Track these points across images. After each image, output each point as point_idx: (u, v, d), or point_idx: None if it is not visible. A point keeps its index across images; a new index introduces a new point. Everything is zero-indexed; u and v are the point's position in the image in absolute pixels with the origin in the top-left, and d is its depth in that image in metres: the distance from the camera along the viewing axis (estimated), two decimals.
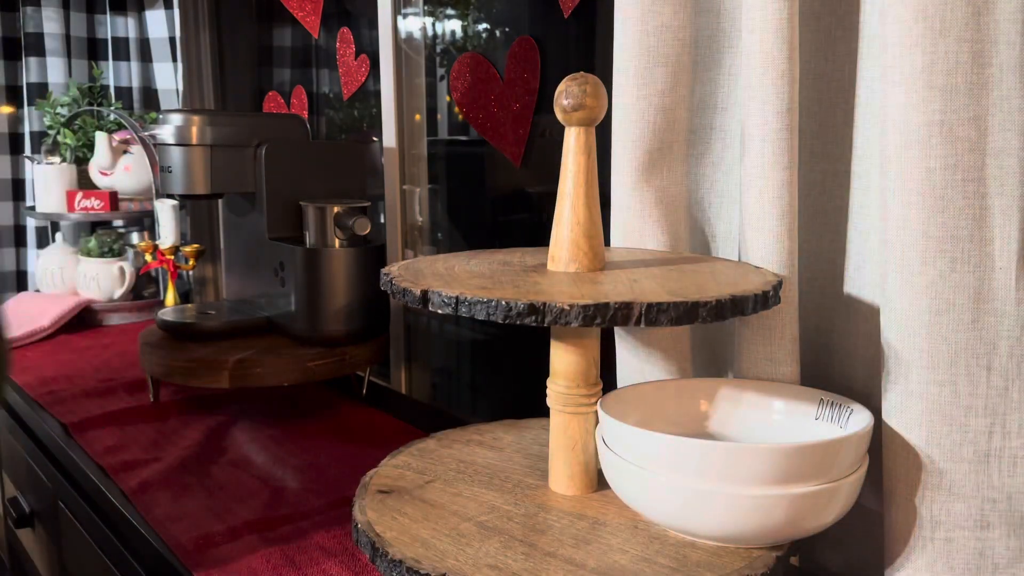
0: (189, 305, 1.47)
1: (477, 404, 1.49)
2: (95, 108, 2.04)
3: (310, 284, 1.24)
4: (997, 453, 0.64)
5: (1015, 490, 0.64)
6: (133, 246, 1.97)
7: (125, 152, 1.97)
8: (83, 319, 1.87)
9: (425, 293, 0.64)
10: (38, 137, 2.24)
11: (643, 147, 0.82)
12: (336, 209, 1.24)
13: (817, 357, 0.82)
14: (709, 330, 0.88)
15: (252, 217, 1.34)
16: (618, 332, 0.89)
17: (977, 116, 0.61)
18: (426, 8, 1.46)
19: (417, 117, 1.50)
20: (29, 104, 2.25)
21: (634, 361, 0.87)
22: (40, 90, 2.22)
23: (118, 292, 1.90)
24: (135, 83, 2.32)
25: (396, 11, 1.47)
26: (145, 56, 2.31)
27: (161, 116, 1.27)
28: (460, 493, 0.74)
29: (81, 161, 2.02)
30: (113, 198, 1.93)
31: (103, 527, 1.04)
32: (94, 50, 2.34)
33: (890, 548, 0.69)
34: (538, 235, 1.27)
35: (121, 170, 1.97)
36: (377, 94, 1.54)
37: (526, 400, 1.14)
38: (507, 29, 1.33)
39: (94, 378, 1.47)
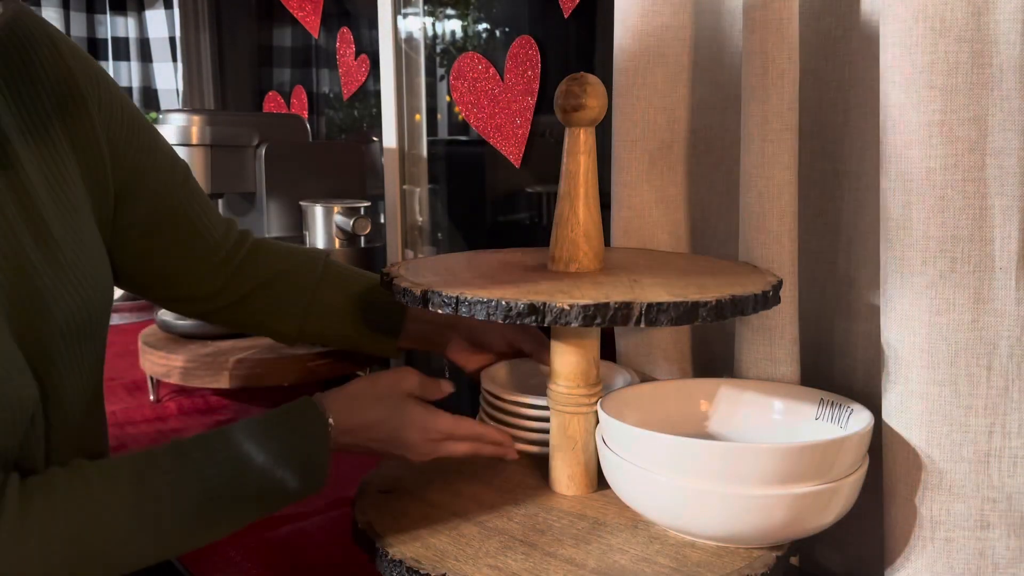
0: None
1: (477, 404, 1.49)
2: None
3: None
4: (997, 453, 0.64)
5: (1015, 490, 0.64)
6: None
7: None
8: None
9: (425, 293, 0.64)
10: None
11: (643, 147, 0.82)
12: (336, 209, 1.24)
13: (817, 357, 0.82)
14: (709, 330, 0.88)
15: (252, 217, 1.34)
16: (618, 332, 0.89)
17: (977, 116, 0.61)
18: (426, 8, 1.46)
19: (417, 117, 1.50)
20: None
21: (634, 361, 0.87)
22: None
23: (118, 292, 1.90)
24: (135, 83, 2.31)
25: (396, 11, 1.47)
26: (145, 56, 2.31)
27: (161, 116, 1.27)
28: (460, 493, 0.74)
29: None
30: None
31: None
32: (94, 50, 2.34)
33: (890, 548, 0.69)
34: (538, 235, 1.27)
35: None
36: (377, 94, 1.54)
37: None
38: (507, 29, 1.33)
39: None
